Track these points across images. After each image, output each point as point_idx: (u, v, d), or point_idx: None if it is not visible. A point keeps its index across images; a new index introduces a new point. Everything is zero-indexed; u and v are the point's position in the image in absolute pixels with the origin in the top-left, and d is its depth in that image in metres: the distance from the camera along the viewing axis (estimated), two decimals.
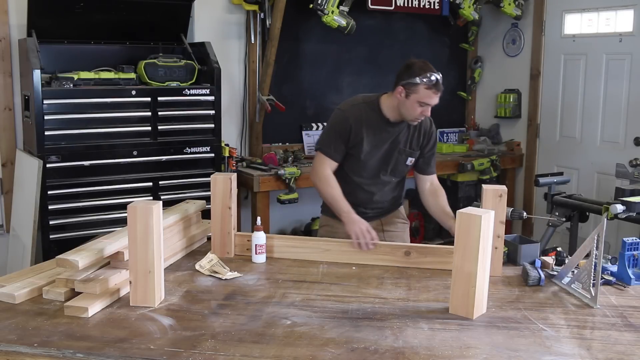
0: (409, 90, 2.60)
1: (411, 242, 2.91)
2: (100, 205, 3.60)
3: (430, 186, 2.87)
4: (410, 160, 2.83)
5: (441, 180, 5.02)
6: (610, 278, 2.30)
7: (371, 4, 4.61)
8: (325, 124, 4.85)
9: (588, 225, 3.83)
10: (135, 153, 3.69)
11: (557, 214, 3.67)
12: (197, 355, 1.69)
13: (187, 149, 3.84)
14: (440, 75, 2.63)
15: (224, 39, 4.42)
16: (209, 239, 2.72)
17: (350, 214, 2.62)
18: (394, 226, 2.93)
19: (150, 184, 3.76)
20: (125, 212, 1.99)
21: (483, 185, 2.40)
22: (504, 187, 2.37)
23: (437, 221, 2.80)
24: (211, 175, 2.58)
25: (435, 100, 2.65)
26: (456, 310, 2.00)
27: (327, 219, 2.94)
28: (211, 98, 3.87)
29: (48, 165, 3.41)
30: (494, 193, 2.34)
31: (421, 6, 4.83)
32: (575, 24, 4.73)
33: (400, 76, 2.64)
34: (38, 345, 1.74)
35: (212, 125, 3.91)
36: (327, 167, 2.74)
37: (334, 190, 2.70)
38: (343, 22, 4.27)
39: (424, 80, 2.59)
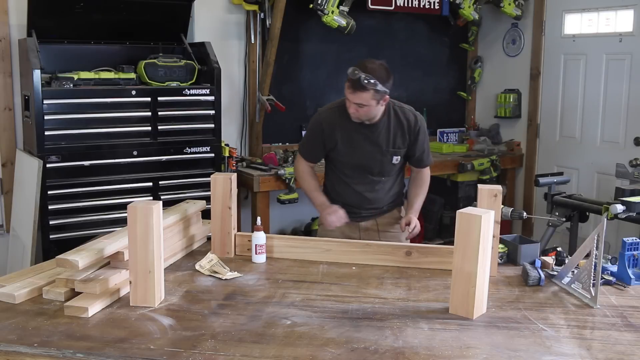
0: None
1: (411, 242, 2.91)
2: (100, 205, 3.60)
3: (417, 174, 2.96)
4: (396, 159, 2.84)
5: (441, 180, 5.10)
6: (610, 278, 2.30)
7: (371, 4, 4.61)
8: None
9: (588, 225, 3.83)
10: (135, 153, 3.68)
11: (557, 214, 3.67)
12: (197, 355, 1.69)
13: (187, 149, 3.84)
14: (368, 76, 2.56)
15: (224, 39, 4.42)
16: (209, 239, 2.73)
17: (323, 204, 2.84)
18: (391, 227, 2.94)
19: (150, 184, 3.75)
20: (125, 212, 1.99)
21: (478, 185, 2.40)
22: (499, 187, 2.37)
23: None
24: (211, 175, 2.58)
25: (353, 98, 2.62)
26: (456, 310, 2.00)
27: None
28: (211, 98, 3.87)
29: (48, 165, 3.41)
30: (489, 193, 2.34)
31: (421, 6, 4.83)
32: (575, 24, 4.73)
33: None
34: (38, 345, 1.74)
35: (212, 125, 3.91)
36: (303, 165, 2.93)
37: (309, 184, 2.90)
38: (343, 22, 4.27)
39: (348, 75, 2.60)
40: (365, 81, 2.55)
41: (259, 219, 2.62)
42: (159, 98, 3.72)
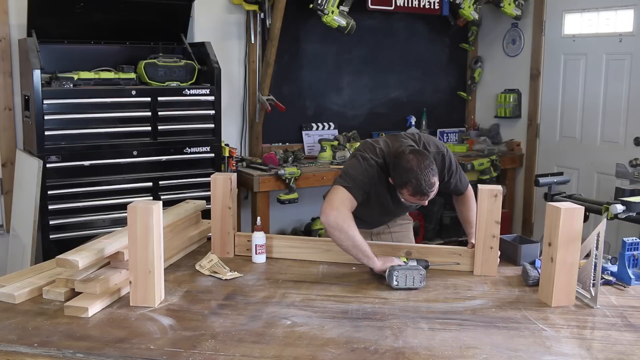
0: (396, 186, 2.37)
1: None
2: (100, 205, 3.59)
3: (461, 197, 2.72)
4: (417, 205, 2.61)
5: None
6: (610, 278, 2.30)
7: (371, 4, 4.61)
8: (325, 124, 4.90)
9: (588, 225, 3.81)
10: (135, 153, 3.68)
11: None
12: (197, 355, 1.69)
13: (187, 149, 3.84)
14: (430, 178, 2.28)
15: (224, 39, 4.42)
16: (209, 239, 2.73)
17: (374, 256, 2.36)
18: (400, 227, 2.93)
19: (150, 184, 3.75)
20: (125, 212, 1.99)
21: (479, 185, 2.40)
22: (499, 187, 2.37)
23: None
24: (211, 175, 2.58)
25: (423, 203, 2.39)
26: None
27: None
28: (211, 98, 3.87)
29: (48, 165, 3.41)
30: (489, 193, 2.34)
31: (421, 6, 4.83)
32: (575, 24, 4.73)
33: (390, 165, 2.39)
34: (38, 345, 1.74)
35: (212, 125, 3.91)
36: (350, 203, 2.38)
37: (359, 234, 2.36)
38: (343, 22, 4.27)
39: (408, 187, 2.30)
40: (434, 187, 2.32)
41: (259, 219, 2.62)
42: (159, 98, 3.72)
